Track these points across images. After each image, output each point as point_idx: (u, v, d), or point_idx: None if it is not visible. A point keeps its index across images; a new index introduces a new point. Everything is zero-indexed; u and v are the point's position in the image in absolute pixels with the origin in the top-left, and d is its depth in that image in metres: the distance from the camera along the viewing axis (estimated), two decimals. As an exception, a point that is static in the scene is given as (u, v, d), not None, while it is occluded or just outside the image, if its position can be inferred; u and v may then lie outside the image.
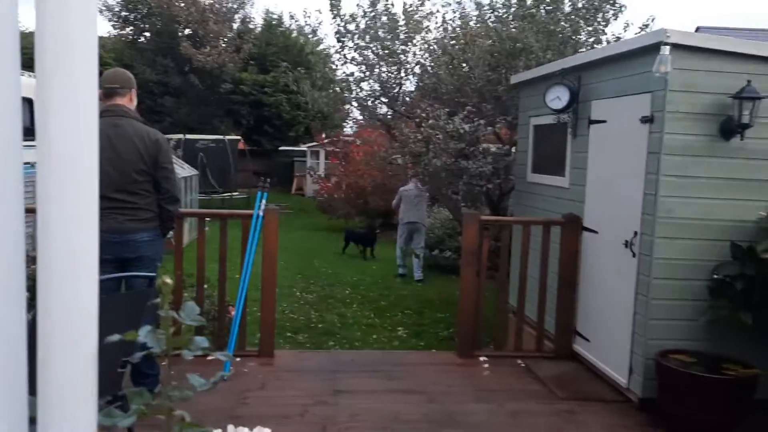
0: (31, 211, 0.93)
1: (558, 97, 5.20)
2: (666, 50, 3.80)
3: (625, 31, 8.86)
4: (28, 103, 1.19)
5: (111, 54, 24.05)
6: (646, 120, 4.14)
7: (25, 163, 0.94)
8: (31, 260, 1.01)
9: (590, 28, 8.17)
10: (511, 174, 7.38)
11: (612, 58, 4.68)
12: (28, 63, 1.02)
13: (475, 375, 4.73)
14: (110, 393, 2.55)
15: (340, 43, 9.18)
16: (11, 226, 0.90)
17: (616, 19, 8.40)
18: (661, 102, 4.00)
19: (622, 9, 8.43)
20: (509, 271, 5.69)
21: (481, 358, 5.01)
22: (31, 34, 0.96)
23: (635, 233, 4.27)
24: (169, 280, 1.02)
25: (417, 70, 9.18)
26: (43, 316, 1.00)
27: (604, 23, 8.32)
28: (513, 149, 7.50)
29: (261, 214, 4.78)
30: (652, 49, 3.96)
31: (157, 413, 1.11)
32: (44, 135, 0.97)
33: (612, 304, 4.57)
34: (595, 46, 7.96)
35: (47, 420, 1.01)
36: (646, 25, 8.66)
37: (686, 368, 3.77)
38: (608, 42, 8.15)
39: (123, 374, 3.00)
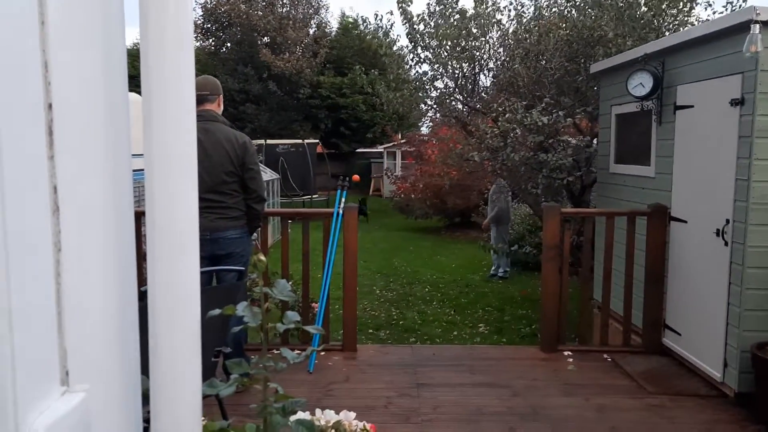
0: (141, 214, 1.03)
1: (641, 83, 5.05)
2: (756, 29, 3.63)
3: (711, 11, 8.45)
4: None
5: (197, 66, 25.07)
6: (737, 102, 3.96)
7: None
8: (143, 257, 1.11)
9: (673, 11, 7.84)
10: (592, 166, 7.21)
11: (698, 40, 4.49)
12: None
13: (560, 369, 4.66)
14: (205, 380, 2.70)
15: (412, 43, 9.22)
16: (125, 225, 1.00)
17: (697, 4, 8.03)
18: (752, 83, 3.81)
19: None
20: (593, 265, 5.56)
21: (566, 353, 4.93)
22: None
23: (727, 221, 4.09)
24: (263, 257, 1.09)
25: (492, 65, 9.10)
26: (152, 298, 1.10)
27: (687, 3, 7.96)
28: (594, 140, 7.31)
29: (341, 211, 4.90)
30: (741, 28, 3.79)
31: (254, 383, 1.19)
32: (150, 144, 1.06)
33: (704, 296, 4.39)
34: (678, 30, 7.64)
35: (157, 390, 1.11)
36: (731, 3, 8.21)
37: (787, 361, 3.58)
38: (692, 25, 7.80)
39: (216, 364, 3.17)
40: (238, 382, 1.15)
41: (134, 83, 1.41)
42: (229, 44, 28.42)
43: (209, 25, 28.16)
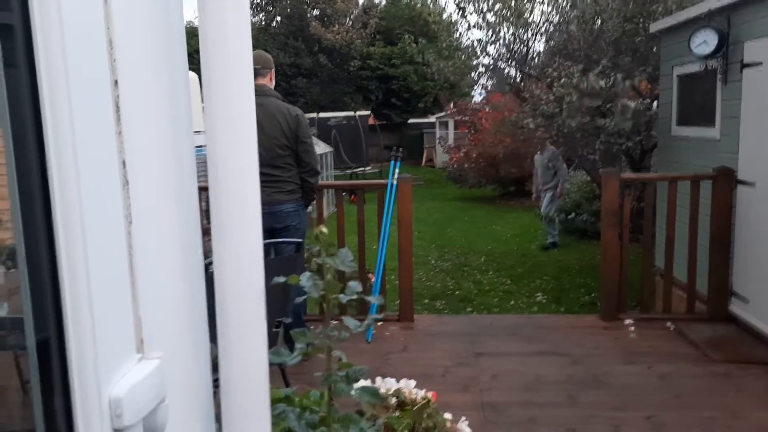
0: (203, 189, 1.06)
1: (705, 41, 4.83)
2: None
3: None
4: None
5: (248, 41, 25.34)
6: (810, 57, 3.74)
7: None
8: (204, 232, 1.14)
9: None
10: (653, 130, 6.97)
11: (767, -8, 4.25)
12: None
13: (621, 338, 4.58)
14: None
15: (461, 10, 9.05)
16: (190, 201, 1.03)
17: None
18: (828, 35, 3.59)
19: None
20: (654, 232, 5.41)
21: (627, 321, 4.84)
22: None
23: (799, 183, 3.90)
24: (324, 229, 1.10)
25: (545, 29, 8.86)
26: (219, 268, 1.13)
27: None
28: (654, 103, 7.05)
29: (395, 182, 4.90)
30: (816, -24, 3.57)
31: (318, 352, 1.21)
32: (211, 125, 1.08)
33: (773, 262, 4.23)
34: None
35: (226, 357, 1.15)
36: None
37: None
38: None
39: (278, 334, 3.25)
40: (304, 351, 1.17)
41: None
42: (279, 18, 28.52)
43: (259, 0, 28.31)
